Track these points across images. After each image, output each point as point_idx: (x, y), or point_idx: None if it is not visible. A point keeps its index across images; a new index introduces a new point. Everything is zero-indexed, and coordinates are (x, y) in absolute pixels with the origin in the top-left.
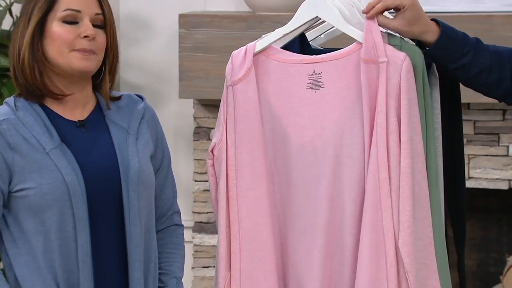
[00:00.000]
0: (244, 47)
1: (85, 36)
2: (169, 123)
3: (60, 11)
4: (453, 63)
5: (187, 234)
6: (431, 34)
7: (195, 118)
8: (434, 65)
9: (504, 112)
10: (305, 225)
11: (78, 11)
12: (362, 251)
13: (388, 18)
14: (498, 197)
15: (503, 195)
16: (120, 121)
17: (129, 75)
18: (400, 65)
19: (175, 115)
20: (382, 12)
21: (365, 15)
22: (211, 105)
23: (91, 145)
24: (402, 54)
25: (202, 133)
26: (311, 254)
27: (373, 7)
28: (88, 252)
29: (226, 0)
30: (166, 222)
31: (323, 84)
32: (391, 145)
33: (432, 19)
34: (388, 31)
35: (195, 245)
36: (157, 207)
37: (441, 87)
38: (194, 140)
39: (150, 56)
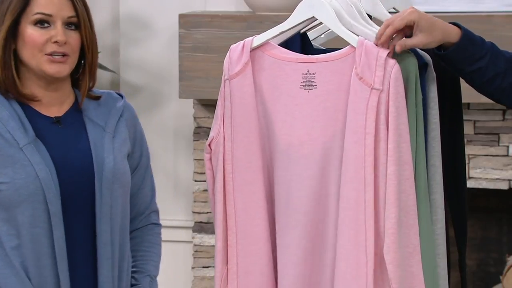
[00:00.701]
0: (242, 42)
1: (55, 42)
2: (169, 123)
3: (32, 14)
4: (471, 65)
5: (187, 234)
6: (454, 35)
7: (195, 118)
8: (431, 65)
9: (504, 112)
10: (286, 223)
11: (50, 15)
12: (340, 263)
13: (409, 39)
14: (498, 197)
15: (503, 195)
16: (98, 118)
17: (129, 75)
18: (389, 71)
19: (175, 115)
20: (392, 35)
21: (365, 15)
22: (211, 105)
23: (66, 142)
24: (392, 61)
25: (202, 133)
26: (290, 252)
27: (382, 34)
28: (63, 247)
29: (226, 0)
30: (143, 220)
31: (316, 85)
32: (379, 153)
33: (451, 23)
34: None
35: (195, 245)
36: (134, 205)
37: (442, 88)
38: (194, 140)
39: (150, 56)
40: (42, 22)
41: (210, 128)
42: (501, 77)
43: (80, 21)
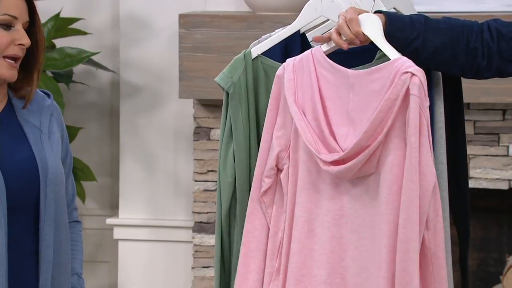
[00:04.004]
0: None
1: (20, 44)
2: (169, 123)
3: None
4: (405, 48)
5: (187, 234)
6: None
7: (195, 118)
8: None
9: (504, 112)
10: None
11: (15, 17)
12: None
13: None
14: (498, 197)
15: (503, 195)
16: (31, 118)
17: (129, 75)
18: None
19: (175, 115)
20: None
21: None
22: (211, 105)
23: (7, 143)
24: None
25: (202, 133)
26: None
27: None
28: (2, 252)
29: (226, 0)
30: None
31: None
32: None
33: (376, 12)
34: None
35: (195, 245)
36: None
37: (444, 88)
38: (194, 140)
39: (150, 56)
40: (7, 24)
41: (210, 128)
42: (440, 51)
43: (37, 24)
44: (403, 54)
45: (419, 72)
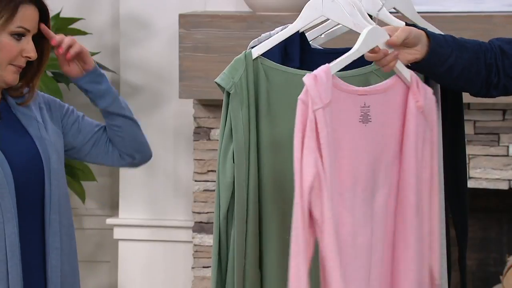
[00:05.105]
0: (321, 70)
1: (26, 56)
2: (169, 123)
3: (14, 26)
4: (442, 65)
5: (187, 234)
6: (425, 40)
7: (195, 118)
8: None
9: (504, 112)
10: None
11: (28, 30)
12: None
13: (408, 54)
14: (498, 197)
15: (503, 195)
16: (27, 111)
17: (129, 75)
18: (430, 98)
19: (175, 115)
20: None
21: (366, 15)
22: (211, 105)
23: (9, 135)
24: (430, 89)
25: (202, 133)
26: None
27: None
28: (15, 242)
29: (226, 0)
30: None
31: (371, 118)
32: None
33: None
34: None
35: (195, 245)
36: (87, 132)
37: (443, 89)
38: (194, 140)
39: (150, 56)
40: (20, 35)
41: (210, 128)
42: (468, 69)
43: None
44: (437, 73)
45: (306, 78)
